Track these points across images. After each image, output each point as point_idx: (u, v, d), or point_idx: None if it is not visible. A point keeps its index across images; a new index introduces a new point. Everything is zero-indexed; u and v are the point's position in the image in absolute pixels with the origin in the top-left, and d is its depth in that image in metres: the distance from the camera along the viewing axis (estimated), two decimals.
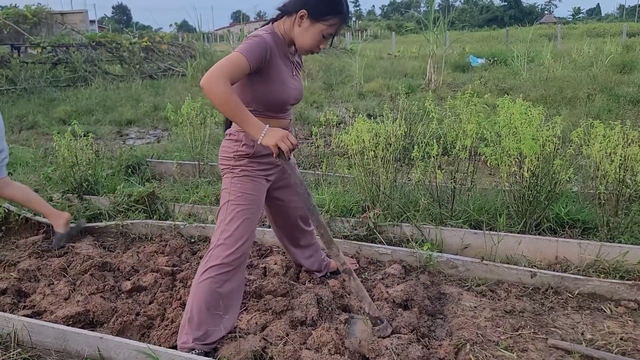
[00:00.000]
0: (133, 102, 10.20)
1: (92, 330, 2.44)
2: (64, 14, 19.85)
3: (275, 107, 2.26)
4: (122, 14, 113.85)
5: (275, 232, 2.86)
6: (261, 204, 2.36)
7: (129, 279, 2.98)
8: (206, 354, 2.19)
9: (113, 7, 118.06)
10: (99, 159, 4.76)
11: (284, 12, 2.22)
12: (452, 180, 3.59)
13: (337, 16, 2.15)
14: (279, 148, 2.03)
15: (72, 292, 2.81)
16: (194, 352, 2.16)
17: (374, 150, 3.55)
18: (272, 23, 2.26)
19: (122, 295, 2.83)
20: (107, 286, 2.85)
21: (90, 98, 10.45)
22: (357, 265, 3.09)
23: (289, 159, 2.15)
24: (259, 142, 2.03)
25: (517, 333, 2.36)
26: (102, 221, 3.86)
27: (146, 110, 9.43)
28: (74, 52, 13.42)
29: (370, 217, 3.45)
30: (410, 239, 3.33)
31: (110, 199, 4.04)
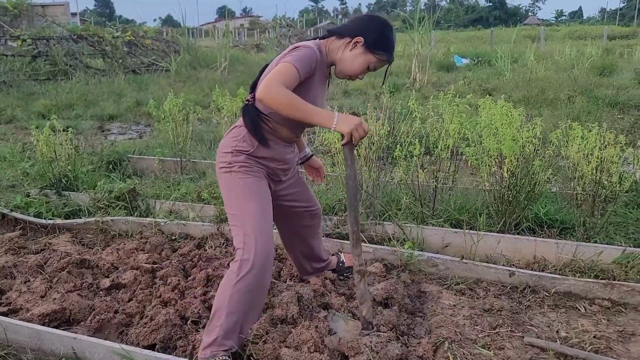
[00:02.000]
0: (115, 97, 10.10)
1: (69, 329, 2.41)
2: (45, 6, 19.55)
3: (294, 122, 2.15)
4: (104, 7, 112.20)
5: (285, 244, 2.79)
6: (268, 195, 2.27)
7: (107, 277, 2.95)
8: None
9: (95, 0, 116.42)
10: (79, 154, 4.70)
11: (335, 33, 2.23)
12: (434, 180, 3.62)
13: (388, 54, 2.22)
14: (351, 135, 2.00)
15: (49, 289, 2.78)
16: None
17: (357, 149, 3.55)
18: (319, 40, 2.25)
19: (101, 292, 2.80)
20: (84, 284, 2.81)
21: (71, 92, 10.31)
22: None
23: (356, 146, 2.14)
24: (332, 129, 2.00)
25: (495, 331, 2.39)
26: (81, 217, 3.81)
27: (128, 106, 9.35)
28: (54, 45, 13.22)
29: None
30: (392, 238, 3.35)
31: (90, 195, 4.00)
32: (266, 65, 2.22)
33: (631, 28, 37.76)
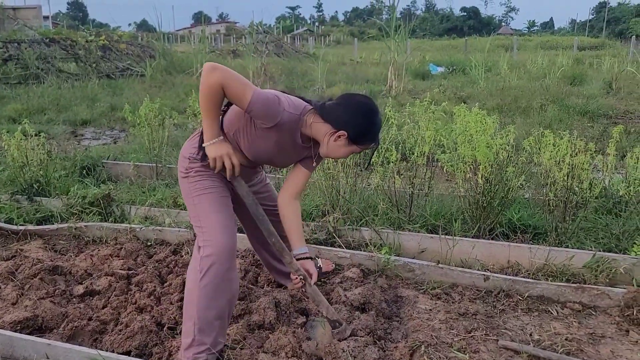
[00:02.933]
0: (89, 101, 9.94)
1: (42, 336, 2.36)
2: (16, 9, 19.20)
3: (247, 154, 2.25)
4: (78, 11, 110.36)
5: (254, 247, 2.82)
6: (227, 193, 2.29)
7: (81, 283, 2.90)
8: None
9: (68, 3, 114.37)
10: (52, 159, 4.61)
11: (320, 114, 2.17)
12: (411, 186, 3.66)
13: (371, 142, 2.23)
14: (215, 161, 2.13)
15: (20, 296, 2.71)
16: None
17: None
18: (306, 109, 2.19)
19: (74, 299, 2.74)
20: (57, 290, 2.76)
21: (43, 96, 10.11)
22: (333, 265, 3.12)
23: (228, 177, 2.20)
24: (204, 145, 2.12)
25: (470, 335, 2.43)
26: (53, 223, 3.74)
27: (103, 111, 9.21)
28: (25, 48, 12.96)
29: (329, 221, 3.47)
30: (369, 243, 3.37)
31: (63, 201, 3.92)
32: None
33: (600, 39, 38.86)
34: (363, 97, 2.24)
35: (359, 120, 2.14)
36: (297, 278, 2.30)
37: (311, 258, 2.42)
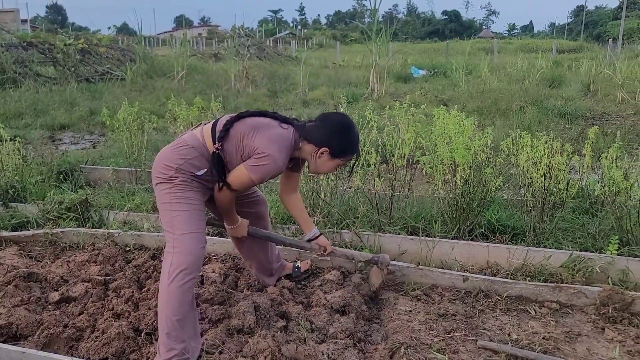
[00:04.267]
0: (67, 106, 9.80)
1: (16, 344, 2.31)
2: None
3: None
4: (56, 14, 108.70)
5: (240, 248, 2.89)
6: (203, 210, 2.37)
7: (57, 290, 2.85)
8: None
9: (47, 7, 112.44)
10: (27, 164, 4.54)
11: (304, 136, 2.36)
12: (391, 188, 3.67)
13: (352, 154, 2.46)
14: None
15: None
16: None
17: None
18: (293, 137, 2.35)
19: (49, 306, 2.69)
20: (32, 297, 2.70)
21: (20, 101, 9.94)
22: (310, 262, 3.15)
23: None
24: (227, 230, 2.65)
25: (449, 335, 2.44)
26: (29, 229, 3.67)
27: (81, 115, 9.09)
28: (2, 52, 12.73)
29: None
30: (349, 246, 3.37)
31: (39, 207, 3.86)
32: (235, 118, 2.32)
33: (578, 42, 39.50)
34: (338, 114, 2.51)
35: (338, 136, 2.37)
36: (321, 255, 2.81)
37: (321, 234, 2.82)
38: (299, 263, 3.08)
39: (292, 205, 2.76)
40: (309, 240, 2.79)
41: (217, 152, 2.26)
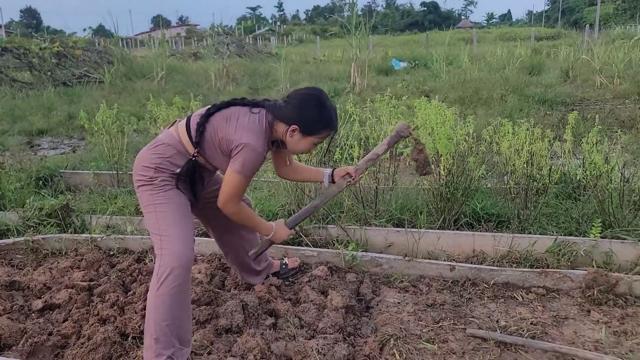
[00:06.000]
0: (45, 110, 9.62)
1: (0, 354, 2.27)
2: None
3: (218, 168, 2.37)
4: (31, 18, 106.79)
5: (222, 249, 2.85)
6: (189, 208, 2.31)
7: (40, 297, 2.79)
8: None
9: (21, 11, 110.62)
10: (5, 171, 4.45)
11: (275, 115, 2.26)
12: (375, 181, 3.67)
13: (327, 129, 2.31)
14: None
15: None
16: None
17: (297, 154, 3.55)
18: (268, 109, 2.26)
19: (33, 315, 2.64)
20: (15, 306, 2.65)
21: None
22: (298, 260, 3.11)
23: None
24: (267, 238, 2.53)
25: (438, 325, 2.44)
26: (9, 237, 3.60)
27: (60, 120, 8.93)
28: None
29: None
30: (336, 240, 3.36)
31: (19, 214, 3.78)
32: (204, 119, 2.24)
33: (556, 29, 39.91)
34: (308, 89, 2.35)
35: (307, 112, 2.24)
36: (351, 182, 2.62)
37: (334, 169, 2.68)
38: (286, 260, 3.06)
39: (294, 172, 2.67)
40: (331, 183, 2.66)
41: (194, 158, 2.22)
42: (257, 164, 2.21)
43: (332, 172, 2.65)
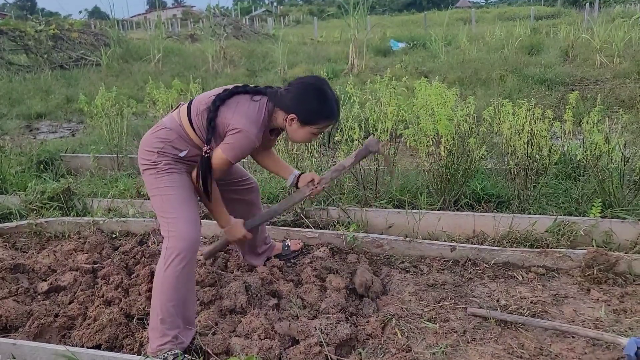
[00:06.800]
0: (43, 94, 9.57)
1: (6, 336, 2.30)
2: None
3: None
4: (25, 0, 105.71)
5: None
6: (193, 189, 2.31)
7: (45, 280, 2.82)
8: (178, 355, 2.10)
9: None
10: (6, 155, 4.45)
11: (275, 103, 2.25)
12: (375, 163, 3.67)
13: (327, 120, 2.28)
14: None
15: None
16: (171, 353, 2.05)
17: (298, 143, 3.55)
18: (269, 97, 2.26)
19: (39, 297, 2.67)
20: (20, 289, 2.67)
21: None
22: (301, 243, 3.14)
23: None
24: (222, 231, 2.54)
25: (439, 305, 2.48)
26: (12, 221, 3.61)
27: (58, 103, 8.89)
28: None
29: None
30: (337, 222, 3.38)
31: (21, 198, 3.80)
32: (214, 115, 2.19)
33: (555, 8, 39.49)
34: (310, 77, 2.33)
35: (307, 101, 2.22)
36: (313, 191, 2.57)
37: (302, 172, 2.66)
38: (288, 242, 3.09)
39: (270, 162, 2.66)
40: (292, 185, 2.64)
41: (206, 155, 2.20)
42: (247, 151, 2.23)
43: (299, 175, 2.64)
